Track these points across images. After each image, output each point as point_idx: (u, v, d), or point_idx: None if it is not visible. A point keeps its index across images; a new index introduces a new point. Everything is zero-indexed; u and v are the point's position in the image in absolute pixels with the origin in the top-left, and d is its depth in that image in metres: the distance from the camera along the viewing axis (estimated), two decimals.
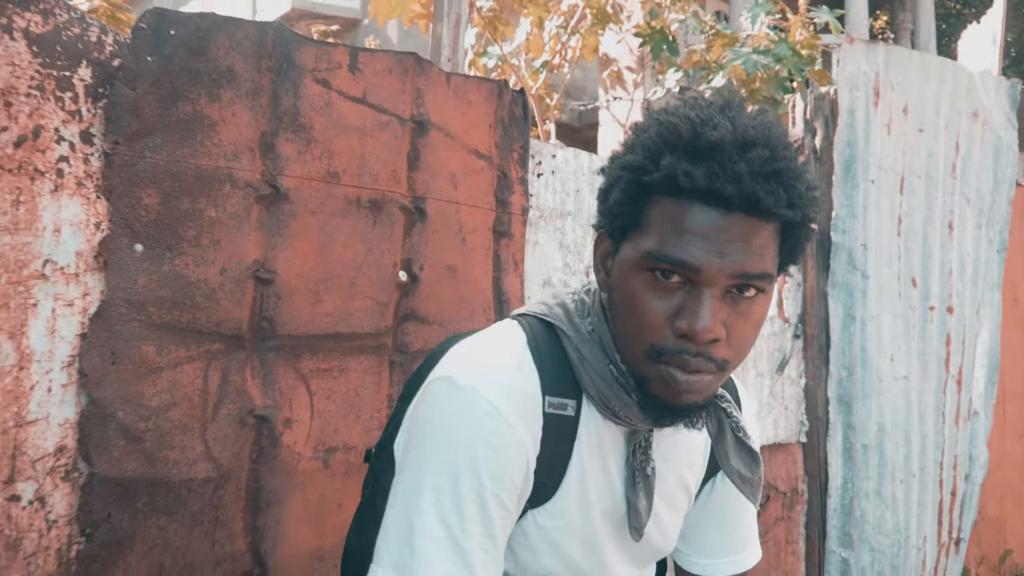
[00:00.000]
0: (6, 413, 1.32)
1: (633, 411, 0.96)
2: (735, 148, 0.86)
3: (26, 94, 1.36)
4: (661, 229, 0.88)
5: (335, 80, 1.67)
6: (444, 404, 0.94)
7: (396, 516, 0.93)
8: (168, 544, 1.46)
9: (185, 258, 1.49)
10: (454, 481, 0.90)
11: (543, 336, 1.01)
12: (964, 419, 3.39)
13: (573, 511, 1.00)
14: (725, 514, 1.18)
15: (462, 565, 0.89)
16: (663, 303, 0.89)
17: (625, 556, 1.08)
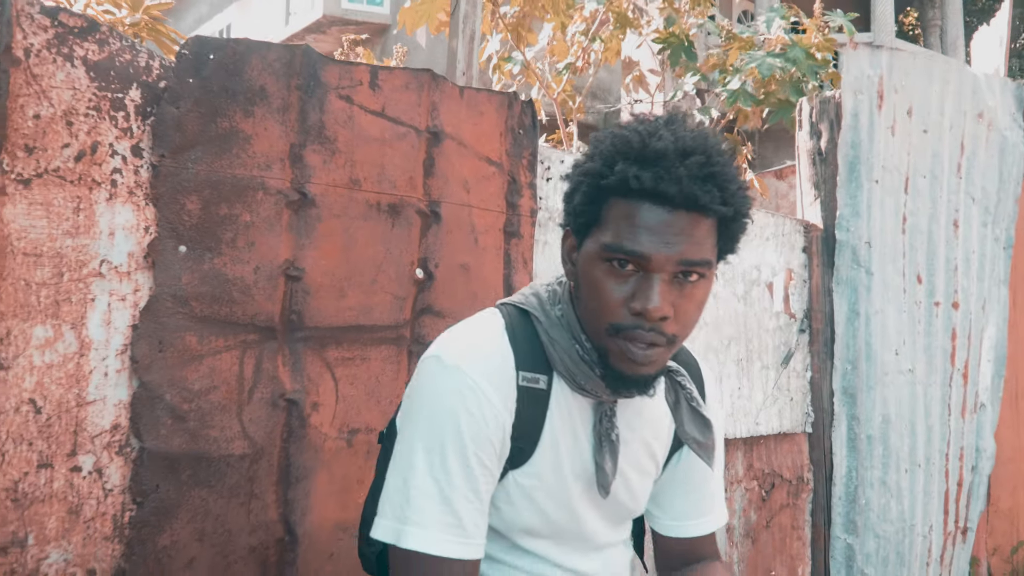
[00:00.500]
0: (69, 394, 1.51)
1: (598, 384, 1.13)
2: (676, 155, 1.03)
3: (85, 114, 1.54)
4: (617, 225, 1.05)
5: (357, 96, 1.84)
6: (433, 380, 1.11)
7: (394, 475, 1.10)
8: (209, 513, 1.64)
9: (223, 258, 1.67)
10: (441, 444, 1.07)
11: (519, 321, 1.17)
12: (970, 412, 3.49)
13: (547, 472, 1.16)
14: (691, 481, 1.33)
15: (450, 513, 1.06)
16: (620, 288, 1.05)
17: (597, 514, 1.23)
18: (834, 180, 3.12)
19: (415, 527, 1.07)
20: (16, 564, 1.45)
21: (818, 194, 3.19)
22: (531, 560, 1.21)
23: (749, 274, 2.87)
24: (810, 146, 3.22)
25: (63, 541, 1.50)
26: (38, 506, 1.47)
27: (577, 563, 1.23)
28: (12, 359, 1.45)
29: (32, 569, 1.47)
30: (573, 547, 1.23)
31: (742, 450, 2.82)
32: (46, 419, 1.48)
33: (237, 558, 1.67)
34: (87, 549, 1.52)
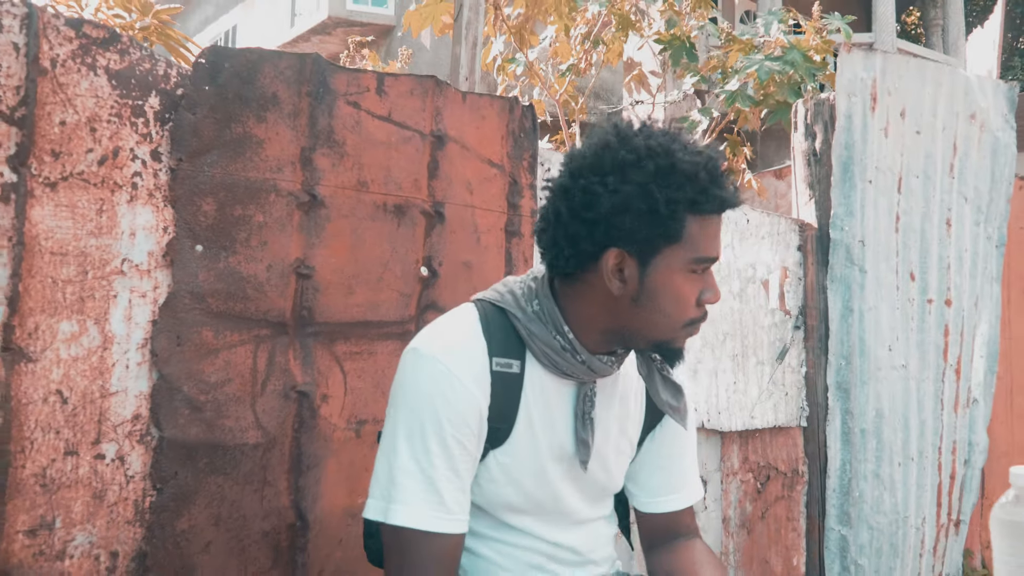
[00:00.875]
0: (93, 386, 1.60)
1: (579, 368, 1.22)
2: (723, 171, 1.18)
3: (107, 120, 1.63)
4: (698, 239, 1.18)
5: (364, 102, 1.93)
6: (412, 370, 1.22)
7: (381, 459, 1.20)
8: (224, 499, 1.72)
9: (238, 256, 1.76)
10: (421, 427, 1.17)
11: (493, 313, 1.28)
12: (963, 406, 3.57)
13: (524, 450, 1.25)
14: (664, 458, 1.42)
15: (432, 491, 1.15)
16: (696, 288, 1.21)
17: (575, 490, 1.32)
18: (828, 180, 3.20)
19: (400, 504, 1.16)
20: (44, 546, 1.54)
21: (813, 194, 3.27)
22: (516, 535, 1.30)
23: (745, 272, 2.95)
24: (805, 147, 3.30)
25: (88, 524, 1.59)
26: (65, 491, 1.56)
27: (559, 537, 1.32)
28: (40, 352, 1.54)
29: (59, 551, 1.55)
30: (555, 522, 1.32)
31: (738, 443, 2.90)
32: (72, 409, 1.57)
33: (251, 542, 1.75)
34: (110, 532, 1.61)
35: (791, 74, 4.42)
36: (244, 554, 1.74)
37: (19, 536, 1.51)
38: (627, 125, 1.21)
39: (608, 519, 1.44)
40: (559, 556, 1.32)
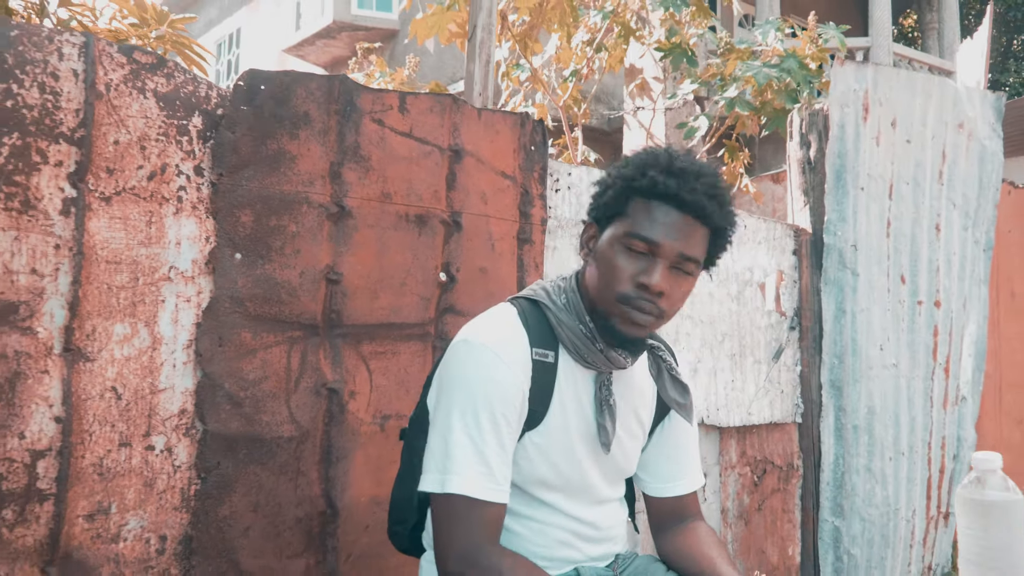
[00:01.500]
0: (144, 383, 1.74)
1: (598, 357, 1.37)
2: (694, 174, 1.31)
3: (155, 139, 1.77)
4: (638, 217, 1.33)
5: (388, 119, 2.07)
6: (464, 358, 1.36)
7: (436, 438, 1.34)
8: (262, 487, 1.87)
9: (273, 264, 1.90)
10: (474, 408, 1.31)
11: (530, 309, 1.43)
12: (952, 404, 3.71)
13: (556, 431, 1.40)
14: (671, 448, 1.57)
15: (483, 463, 1.29)
16: (632, 265, 1.33)
17: (598, 470, 1.46)
18: (822, 187, 3.35)
19: (455, 475, 1.30)
20: (101, 529, 1.69)
21: (807, 200, 3.41)
22: (546, 511, 1.44)
23: (742, 275, 3.09)
24: (800, 155, 3.45)
25: (140, 510, 1.73)
26: (119, 479, 1.70)
27: (583, 513, 1.47)
28: (97, 352, 1.68)
29: (114, 534, 1.70)
30: (579, 499, 1.46)
31: (735, 438, 3.05)
32: (125, 404, 1.72)
33: (286, 528, 1.90)
34: (159, 517, 1.76)
35: (788, 81, 4.57)
36: (279, 538, 1.89)
37: (79, 520, 1.66)
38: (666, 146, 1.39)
39: (621, 502, 1.59)
40: (582, 532, 1.47)
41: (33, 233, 1.61)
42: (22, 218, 1.60)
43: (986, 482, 1.17)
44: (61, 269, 1.64)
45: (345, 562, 1.97)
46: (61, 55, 1.66)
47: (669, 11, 4.79)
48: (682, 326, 2.83)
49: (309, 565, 1.93)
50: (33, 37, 1.63)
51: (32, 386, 1.60)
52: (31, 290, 1.61)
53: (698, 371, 2.87)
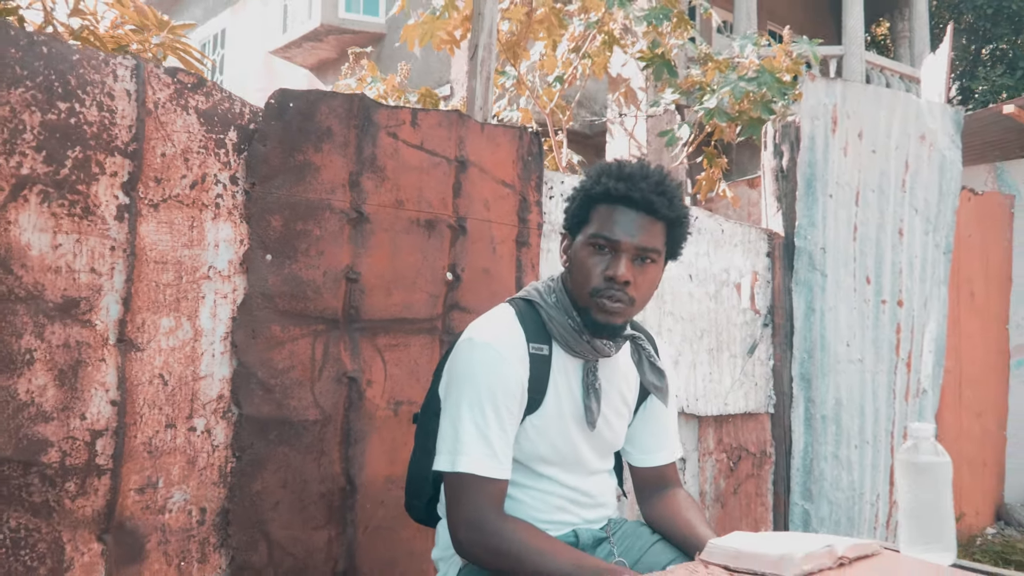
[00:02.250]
0: (187, 371, 1.95)
1: (585, 347, 1.59)
2: (641, 176, 1.53)
3: (196, 151, 1.97)
4: (599, 221, 1.55)
5: (401, 133, 2.29)
6: (470, 355, 1.56)
7: (447, 424, 1.55)
8: (289, 465, 2.07)
9: (299, 264, 2.11)
10: (479, 398, 1.52)
11: (525, 309, 1.64)
12: (913, 396, 3.98)
13: (552, 414, 1.61)
14: (652, 424, 1.79)
15: (487, 446, 1.50)
16: (599, 263, 1.54)
17: (589, 446, 1.68)
18: (794, 194, 3.59)
19: (464, 456, 1.51)
20: (150, 501, 1.88)
21: (780, 206, 3.66)
22: (545, 483, 1.66)
23: (720, 276, 3.33)
24: (773, 164, 3.69)
25: (183, 485, 1.93)
26: (166, 457, 1.91)
27: (577, 483, 1.68)
28: (146, 343, 1.88)
29: (161, 506, 1.90)
30: (574, 471, 1.68)
31: (713, 427, 3.29)
32: (171, 390, 1.92)
33: (310, 502, 2.10)
34: (200, 491, 1.96)
35: (763, 92, 4.82)
36: (305, 512, 2.10)
37: (131, 493, 1.86)
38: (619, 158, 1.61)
39: (611, 473, 1.81)
40: (577, 499, 1.68)
41: (92, 236, 1.81)
42: (83, 223, 1.80)
43: (920, 448, 1.40)
44: (116, 268, 1.84)
45: (363, 533, 2.18)
46: (116, 76, 1.86)
47: (651, 24, 5.02)
48: (664, 322, 3.06)
49: (331, 536, 2.13)
50: (92, 60, 1.83)
51: (91, 373, 1.80)
52: (90, 287, 1.81)
53: (679, 364, 3.10)
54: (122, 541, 1.84)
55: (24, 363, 1.71)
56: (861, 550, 1.37)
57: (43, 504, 1.73)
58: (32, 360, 1.72)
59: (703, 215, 3.28)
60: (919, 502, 1.40)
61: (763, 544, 1.33)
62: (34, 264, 1.73)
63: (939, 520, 1.40)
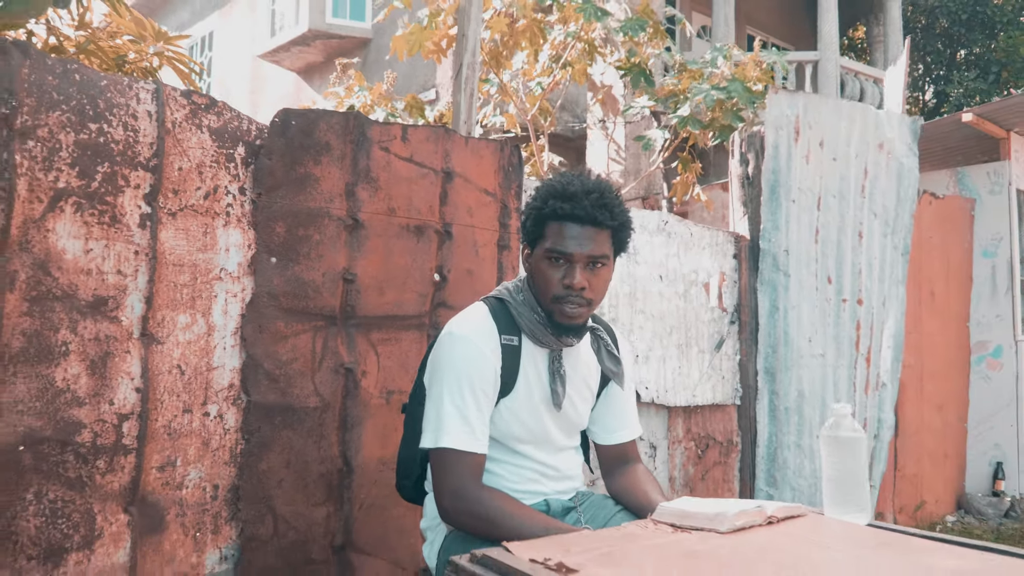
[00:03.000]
0: (201, 362, 2.17)
1: (549, 338, 1.82)
2: (583, 194, 1.75)
3: (209, 165, 2.20)
4: (553, 237, 1.76)
5: (392, 147, 2.51)
6: (450, 346, 1.79)
7: (431, 407, 1.78)
8: (292, 448, 2.30)
9: (301, 266, 2.33)
10: (458, 384, 1.75)
11: (497, 306, 1.87)
12: (873, 389, 4.24)
13: (523, 397, 1.84)
14: (613, 406, 2.01)
15: (466, 425, 1.73)
16: (556, 273, 1.77)
17: (556, 425, 1.91)
18: (759, 200, 3.84)
19: (445, 434, 1.74)
20: (169, 478, 2.11)
21: (746, 211, 3.90)
22: (519, 459, 1.89)
23: (689, 276, 3.57)
24: (740, 172, 3.94)
25: (199, 464, 2.16)
26: (183, 439, 2.13)
27: (546, 459, 1.91)
28: (166, 337, 2.11)
29: (179, 482, 2.12)
30: (543, 448, 1.91)
31: (682, 417, 3.53)
32: (187, 379, 2.14)
33: (311, 481, 2.33)
34: (213, 470, 2.18)
35: (734, 101, 5.08)
36: (306, 489, 2.32)
37: (153, 471, 2.08)
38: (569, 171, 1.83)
39: (577, 450, 2.04)
40: (547, 473, 1.92)
41: (119, 242, 2.03)
42: (110, 230, 2.02)
43: (841, 425, 1.64)
44: (139, 270, 2.06)
45: (358, 510, 2.41)
46: (139, 99, 2.08)
47: (628, 35, 5.26)
48: (635, 319, 3.30)
49: (329, 512, 2.36)
50: (118, 85, 2.05)
51: (118, 363, 2.02)
52: (117, 287, 2.03)
53: (649, 358, 3.34)
54: (145, 513, 2.06)
55: (60, 354, 1.93)
56: (789, 511, 1.61)
57: (77, 479, 1.95)
58: (67, 352, 1.95)
59: (673, 220, 3.52)
60: (839, 471, 1.64)
61: (704, 506, 1.56)
62: (68, 267, 1.95)
63: (856, 486, 1.64)
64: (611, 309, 3.21)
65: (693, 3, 12.64)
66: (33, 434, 1.89)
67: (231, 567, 2.21)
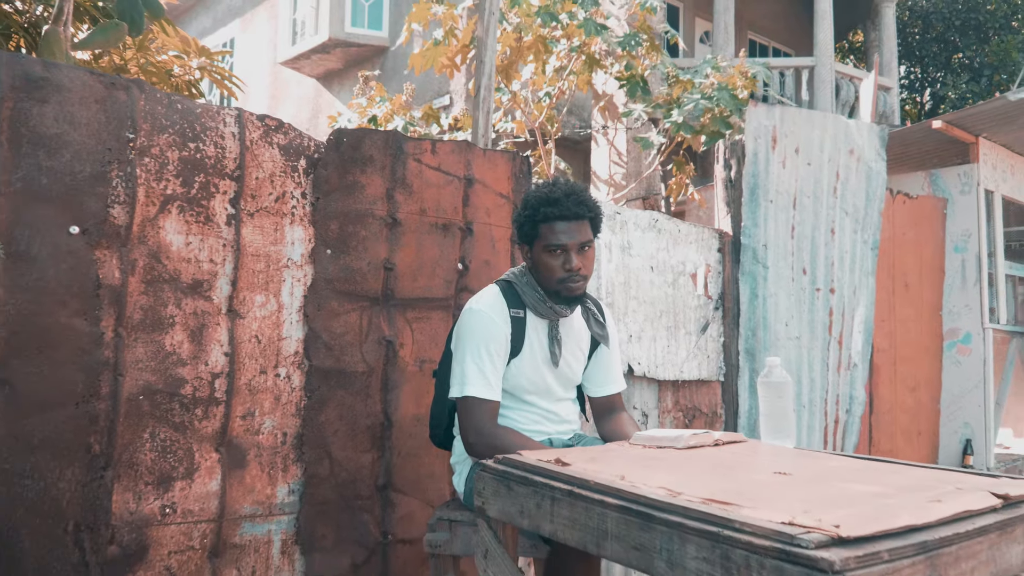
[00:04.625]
0: (273, 334, 2.69)
1: (549, 311, 2.32)
2: (564, 196, 2.26)
3: (279, 175, 2.72)
4: (548, 235, 2.26)
5: (423, 158, 3.04)
6: (470, 318, 2.31)
7: (456, 367, 2.29)
8: (344, 404, 2.82)
9: (350, 257, 2.85)
10: (477, 347, 2.26)
11: (506, 287, 2.38)
12: (844, 368, 4.74)
13: (528, 358, 2.35)
14: (602, 364, 2.52)
15: (484, 378, 2.24)
16: (556, 262, 2.27)
17: (555, 380, 2.42)
18: (740, 201, 4.35)
19: (469, 385, 2.25)
20: (249, 426, 2.63)
21: (729, 210, 4.42)
22: (527, 406, 2.40)
23: (677, 267, 4.09)
24: (724, 176, 4.45)
25: (271, 415, 2.68)
26: (260, 395, 2.66)
27: (549, 407, 2.43)
28: (247, 312, 2.63)
29: (256, 429, 2.65)
30: (546, 398, 2.43)
31: (671, 390, 4.05)
32: (263, 346, 2.67)
33: (359, 431, 2.86)
34: (283, 421, 2.71)
35: (722, 108, 5.60)
36: (355, 439, 2.85)
37: (237, 419, 2.61)
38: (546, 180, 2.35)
39: (574, 401, 2.56)
40: (550, 417, 2.44)
41: (211, 237, 2.56)
42: (205, 227, 2.55)
43: (772, 373, 2.15)
44: (227, 259, 2.59)
45: (397, 457, 2.93)
46: (225, 123, 2.61)
47: (626, 49, 5.78)
48: (629, 305, 3.82)
49: (374, 458, 2.89)
50: (209, 112, 2.58)
51: (211, 333, 2.56)
52: (210, 272, 2.56)
53: (642, 338, 3.86)
54: (231, 453, 2.59)
55: (168, 325, 2.47)
56: (732, 437, 2.12)
57: (181, 423, 2.49)
58: (174, 323, 2.48)
59: (663, 218, 4.04)
60: (771, 408, 2.16)
61: (666, 432, 2.08)
62: (174, 256, 2.49)
63: (784, 419, 2.16)
64: (608, 295, 3.73)
65: (696, 10, 13.13)
66: (149, 387, 2.43)
67: (297, 499, 2.74)
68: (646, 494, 1.47)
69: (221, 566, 2.56)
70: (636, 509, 1.46)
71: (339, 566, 2.78)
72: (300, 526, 2.72)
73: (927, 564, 1.28)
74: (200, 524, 2.52)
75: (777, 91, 10.73)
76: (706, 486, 1.53)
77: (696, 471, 1.74)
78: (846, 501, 1.46)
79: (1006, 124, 5.67)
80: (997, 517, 1.45)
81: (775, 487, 1.58)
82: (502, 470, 1.80)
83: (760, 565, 1.24)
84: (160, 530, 2.44)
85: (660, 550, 1.40)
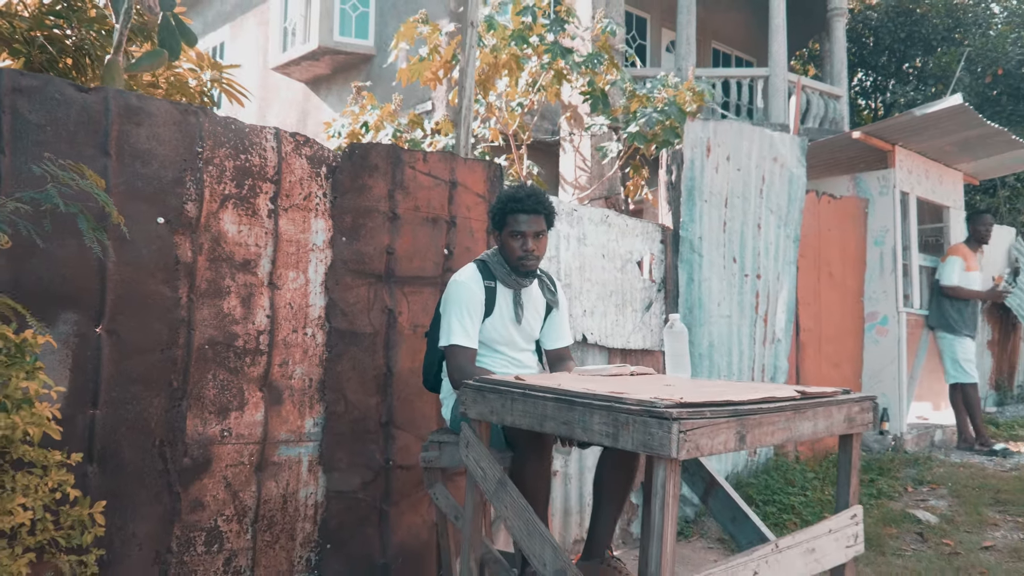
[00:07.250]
0: (302, 302, 3.49)
1: (514, 283, 3.15)
2: (526, 196, 3.10)
3: (306, 179, 3.52)
4: (512, 223, 3.11)
5: (417, 165, 3.84)
6: (454, 288, 3.12)
7: (443, 323, 3.10)
8: (356, 358, 3.62)
9: (360, 243, 3.65)
10: (459, 308, 3.07)
11: (481, 264, 3.20)
12: (770, 343, 5.60)
13: (497, 317, 3.16)
14: (554, 325, 3.34)
15: (464, 331, 3.05)
16: (518, 244, 3.12)
17: (519, 334, 3.23)
18: (679, 200, 5.18)
19: (453, 336, 3.05)
20: (284, 373, 3.43)
21: (670, 208, 5.25)
22: (498, 355, 3.21)
23: (625, 255, 4.91)
24: (666, 179, 5.29)
25: (301, 365, 3.48)
26: (292, 349, 3.45)
27: (515, 356, 3.24)
28: (283, 285, 3.42)
29: (289, 375, 3.44)
30: (512, 348, 3.23)
31: (619, 357, 4.87)
32: (295, 311, 3.46)
33: (368, 379, 3.65)
34: (309, 369, 3.50)
35: (671, 121, 6.43)
36: (364, 386, 3.64)
37: (276, 367, 3.40)
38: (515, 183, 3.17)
39: (533, 353, 3.37)
40: (515, 363, 3.24)
41: (257, 227, 3.35)
42: (252, 219, 3.34)
43: (674, 325, 2.96)
44: (268, 244, 3.38)
45: (396, 400, 3.73)
46: (266, 139, 3.40)
47: (588, 68, 6.61)
48: (584, 285, 4.64)
49: (378, 401, 3.69)
50: (254, 130, 3.37)
51: (257, 300, 3.35)
52: (255, 254, 3.35)
53: (594, 313, 4.68)
54: (271, 392, 3.38)
55: (226, 293, 3.26)
56: (644, 370, 2.94)
57: (234, 368, 3.28)
58: (229, 292, 3.27)
59: (613, 214, 4.86)
60: (673, 350, 2.99)
61: (597, 366, 2.90)
62: (230, 241, 3.27)
63: (683, 358, 2.99)
64: (566, 276, 4.55)
65: (663, 21, 13.98)
66: (212, 339, 3.22)
67: (320, 430, 3.53)
68: (570, 389, 2.29)
69: (264, 478, 3.36)
70: (564, 399, 2.28)
71: (352, 483, 3.59)
72: (322, 451, 3.52)
73: (738, 423, 2.11)
74: (248, 445, 3.32)
75: (735, 99, 11.61)
76: (610, 388, 2.36)
77: (609, 384, 2.57)
78: (696, 392, 2.29)
79: (916, 135, 6.56)
80: (796, 404, 2.29)
81: (656, 388, 2.41)
82: (478, 385, 2.62)
83: (635, 422, 2.06)
84: (220, 448, 3.23)
85: (578, 421, 2.22)
